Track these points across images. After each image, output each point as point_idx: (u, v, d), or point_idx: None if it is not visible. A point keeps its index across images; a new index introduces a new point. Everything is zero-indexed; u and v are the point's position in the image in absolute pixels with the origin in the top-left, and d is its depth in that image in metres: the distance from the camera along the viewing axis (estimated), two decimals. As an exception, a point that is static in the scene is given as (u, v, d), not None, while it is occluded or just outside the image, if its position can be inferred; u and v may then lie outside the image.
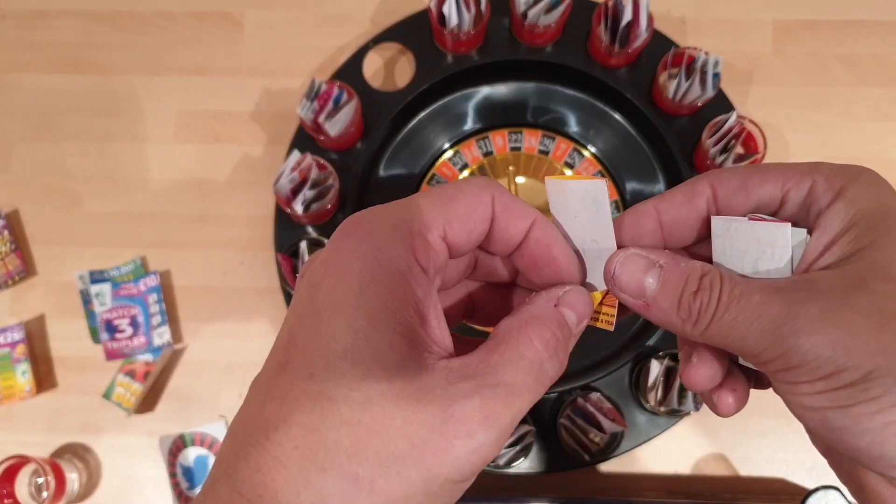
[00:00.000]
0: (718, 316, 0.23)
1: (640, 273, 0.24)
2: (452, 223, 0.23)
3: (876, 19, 0.71)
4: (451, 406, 0.20)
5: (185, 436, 0.64)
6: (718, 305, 0.23)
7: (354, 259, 0.22)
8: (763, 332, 0.22)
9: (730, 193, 0.25)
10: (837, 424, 0.22)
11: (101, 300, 0.65)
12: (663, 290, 0.24)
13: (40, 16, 0.74)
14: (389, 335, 0.21)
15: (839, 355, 0.21)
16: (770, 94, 0.70)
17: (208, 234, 0.69)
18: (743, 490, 0.63)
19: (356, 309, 0.21)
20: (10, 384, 0.64)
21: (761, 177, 0.25)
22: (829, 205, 0.23)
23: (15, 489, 0.61)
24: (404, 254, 0.22)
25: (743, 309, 0.22)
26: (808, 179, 0.24)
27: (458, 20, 0.63)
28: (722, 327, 0.23)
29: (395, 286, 0.21)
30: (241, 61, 0.72)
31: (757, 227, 0.24)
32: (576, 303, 0.25)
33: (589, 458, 0.59)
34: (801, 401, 0.22)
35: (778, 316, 0.22)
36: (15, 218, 0.70)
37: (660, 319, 0.25)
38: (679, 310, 0.24)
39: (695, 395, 0.58)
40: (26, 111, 0.72)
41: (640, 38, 0.63)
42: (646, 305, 0.25)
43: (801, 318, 0.21)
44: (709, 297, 0.23)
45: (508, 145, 0.68)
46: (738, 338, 0.22)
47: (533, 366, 0.22)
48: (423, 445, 0.20)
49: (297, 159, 0.61)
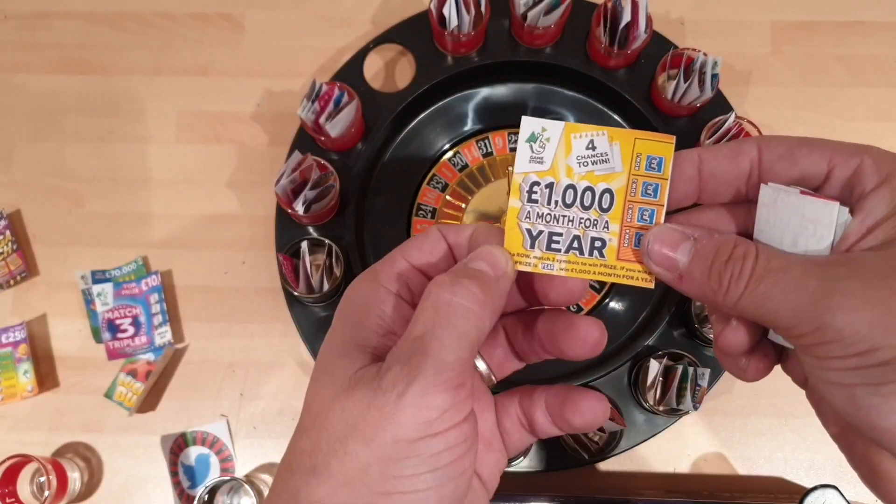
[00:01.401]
0: (752, 286, 0.23)
1: (672, 246, 0.25)
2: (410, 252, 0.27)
3: (874, 20, 0.72)
4: (379, 381, 0.23)
5: (186, 435, 0.65)
6: (752, 276, 0.23)
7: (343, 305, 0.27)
8: (799, 305, 0.22)
9: (775, 158, 0.25)
10: (865, 402, 0.21)
11: (103, 300, 0.66)
12: (695, 260, 0.24)
13: (42, 17, 0.74)
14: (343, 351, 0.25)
15: (876, 333, 0.21)
16: (768, 95, 0.71)
17: (210, 234, 0.69)
18: (741, 489, 0.63)
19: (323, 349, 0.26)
20: (12, 384, 0.64)
21: (809, 148, 0.25)
22: (874, 188, 0.23)
23: (17, 488, 0.61)
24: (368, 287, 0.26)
25: (780, 281, 0.22)
26: (856, 159, 0.24)
27: (458, 21, 0.63)
28: (756, 298, 0.23)
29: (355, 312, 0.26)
30: (242, 62, 0.73)
31: (805, 202, 0.24)
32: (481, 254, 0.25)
33: (588, 456, 0.59)
34: (829, 376, 0.22)
35: (816, 290, 0.22)
36: (17, 218, 0.70)
37: (693, 291, 0.25)
38: (710, 279, 0.24)
39: (693, 395, 0.58)
40: (28, 111, 0.72)
41: (638, 39, 0.63)
42: (679, 278, 0.25)
43: (840, 294, 0.21)
44: (741, 266, 0.23)
45: (508, 146, 0.68)
46: (773, 310, 0.22)
47: (436, 308, 0.24)
48: (362, 422, 0.22)
49: (298, 160, 0.61)
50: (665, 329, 0.62)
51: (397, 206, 0.67)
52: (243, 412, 0.65)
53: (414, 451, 0.22)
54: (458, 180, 0.68)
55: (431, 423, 0.22)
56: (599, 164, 0.25)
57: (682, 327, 0.63)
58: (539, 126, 0.26)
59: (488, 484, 0.28)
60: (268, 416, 0.65)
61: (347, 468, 0.22)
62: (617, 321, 0.64)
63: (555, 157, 0.26)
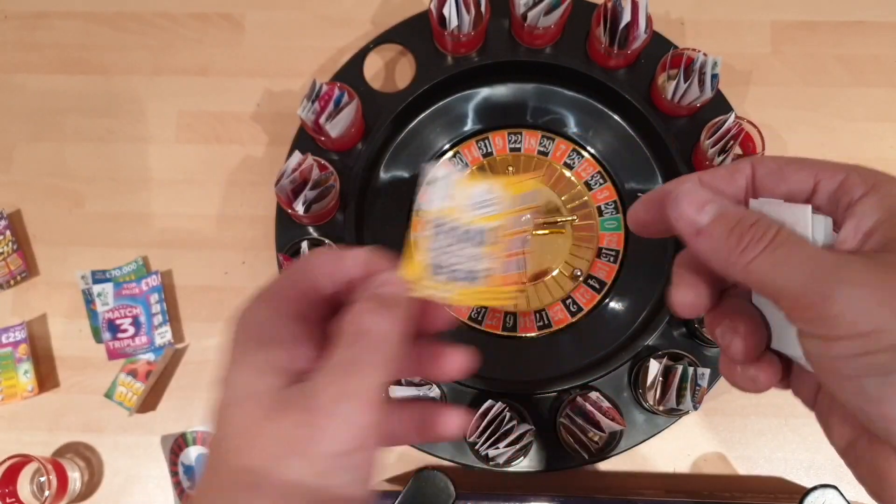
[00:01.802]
0: (771, 249, 0.23)
1: (702, 200, 0.25)
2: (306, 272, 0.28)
3: (874, 20, 0.72)
4: (309, 400, 0.24)
5: (186, 435, 0.65)
6: (774, 240, 0.23)
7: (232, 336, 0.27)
8: (811, 273, 0.22)
9: (766, 174, 0.26)
10: (876, 393, 0.21)
11: (104, 300, 0.66)
12: (720, 218, 0.25)
13: (42, 17, 0.74)
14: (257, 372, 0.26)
15: (885, 313, 0.21)
16: (768, 95, 0.71)
17: (210, 234, 0.69)
18: (741, 489, 0.63)
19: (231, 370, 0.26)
20: (13, 384, 0.64)
21: (798, 165, 0.26)
22: (862, 196, 0.24)
23: (17, 488, 0.61)
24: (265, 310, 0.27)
25: (796, 251, 0.23)
26: (841, 173, 0.25)
27: (458, 22, 0.63)
28: (770, 259, 0.23)
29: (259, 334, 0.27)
30: (243, 62, 0.73)
31: (783, 208, 0.25)
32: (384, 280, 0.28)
33: (588, 456, 0.59)
34: (837, 367, 0.22)
35: (830, 262, 0.22)
36: (17, 218, 0.70)
37: (706, 246, 0.25)
38: (730, 236, 0.24)
39: (693, 395, 0.58)
40: (28, 111, 0.72)
41: (638, 39, 0.64)
42: (697, 232, 0.25)
43: (852, 269, 0.22)
44: (764, 231, 0.24)
45: (508, 146, 0.68)
46: (783, 275, 0.23)
47: (361, 335, 0.26)
48: (296, 439, 0.24)
49: (299, 160, 0.61)
50: (665, 329, 0.62)
51: (397, 206, 0.67)
52: (243, 412, 0.65)
53: (346, 462, 0.24)
54: (458, 180, 0.68)
55: (362, 437, 0.24)
56: (488, 207, 0.29)
57: (682, 327, 0.63)
58: (442, 171, 0.30)
59: None
60: (268, 416, 0.65)
61: (285, 480, 0.23)
62: (617, 321, 0.64)
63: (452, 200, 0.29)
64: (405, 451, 0.63)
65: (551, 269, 0.66)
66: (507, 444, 0.56)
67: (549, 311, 0.65)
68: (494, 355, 0.63)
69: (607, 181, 0.67)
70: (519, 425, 0.58)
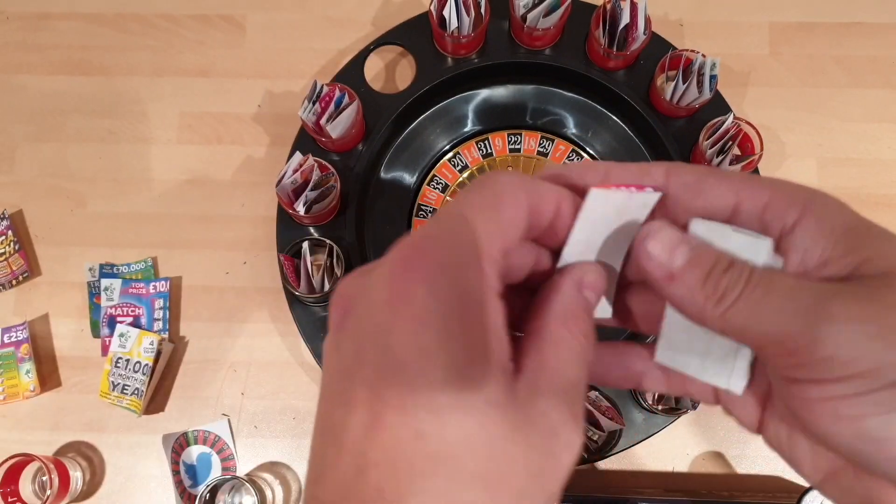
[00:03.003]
0: (747, 293, 0.21)
1: (673, 242, 0.23)
2: (506, 232, 0.22)
3: (872, 21, 0.72)
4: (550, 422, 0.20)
5: (188, 434, 0.65)
6: (748, 284, 0.21)
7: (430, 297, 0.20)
8: (794, 314, 0.20)
9: (682, 186, 0.23)
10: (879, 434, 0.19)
11: (110, 295, 0.66)
12: (692, 262, 0.22)
13: (44, 18, 0.74)
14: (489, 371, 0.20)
15: (877, 348, 0.19)
16: (766, 96, 0.71)
17: (211, 234, 0.69)
18: (740, 487, 0.64)
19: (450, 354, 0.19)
20: (15, 383, 0.65)
21: (717, 179, 0.23)
22: (795, 224, 0.22)
23: (19, 487, 0.61)
24: (478, 282, 0.20)
25: (775, 288, 0.21)
26: (764, 193, 0.22)
27: (458, 23, 0.64)
28: (748, 305, 0.21)
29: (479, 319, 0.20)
30: (244, 63, 0.73)
31: (734, 237, 0.23)
32: (596, 283, 0.24)
33: (587, 455, 0.59)
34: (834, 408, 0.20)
35: (814, 298, 0.20)
36: (19, 218, 0.70)
37: (681, 295, 0.23)
38: (705, 285, 0.22)
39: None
40: (30, 112, 0.73)
41: (637, 40, 0.64)
42: (670, 276, 0.23)
43: (838, 304, 0.19)
44: (739, 275, 0.21)
45: (508, 147, 0.69)
46: (765, 320, 0.21)
47: (582, 356, 0.23)
48: (541, 473, 0.20)
49: (299, 161, 0.61)
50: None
51: (398, 206, 0.67)
52: (244, 411, 0.66)
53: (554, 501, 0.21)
54: (458, 181, 0.68)
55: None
56: None
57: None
58: None
59: None
60: (269, 416, 0.66)
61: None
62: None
63: None
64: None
65: (551, 269, 0.66)
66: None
67: (549, 311, 0.65)
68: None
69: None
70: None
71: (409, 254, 0.20)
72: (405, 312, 0.19)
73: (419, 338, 0.19)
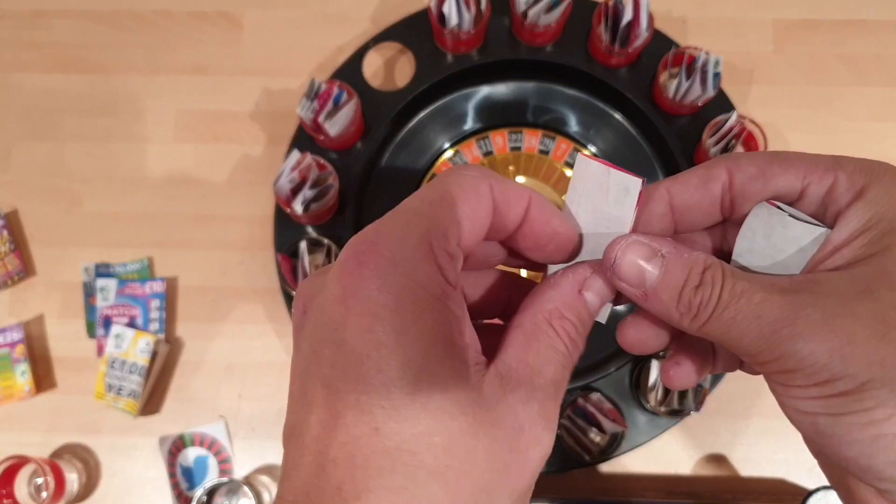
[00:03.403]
0: (718, 313, 0.22)
1: (641, 262, 0.23)
2: (463, 225, 0.22)
3: (876, 19, 0.71)
4: (518, 418, 0.20)
5: (184, 436, 0.64)
6: (719, 302, 0.22)
7: (383, 292, 0.19)
8: (761, 333, 0.21)
9: (746, 180, 0.24)
10: (828, 431, 0.21)
11: (105, 295, 0.65)
12: (664, 281, 0.23)
13: (39, 15, 0.74)
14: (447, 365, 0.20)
15: (836, 363, 0.20)
16: (770, 94, 0.70)
17: (207, 233, 0.68)
18: (743, 490, 0.63)
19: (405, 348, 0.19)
20: (10, 384, 0.64)
21: (782, 166, 0.23)
22: (847, 205, 0.22)
23: (14, 489, 0.61)
24: (433, 275, 0.20)
25: (743, 308, 0.22)
26: (830, 175, 0.23)
27: (458, 20, 0.63)
28: (721, 324, 0.22)
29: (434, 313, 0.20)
30: (241, 61, 0.72)
31: (791, 224, 0.23)
32: (600, 288, 0.25)
33: (589, 458, 0.59)
34: (794, 404, 0.22)
35: (778, 318, 0.21)
36: (14, 218, 0.69)
37: (657, 311, 0.24)
38: (679, 304, 0.23)
39: (695, 396, 0.58)
40: (25, 111, 0.72)
41: (640, 37, 0.63)
42: (644, 296, 0.24)
43: (801, 323, 0.21)
44: (710, 292, 0.22)
45: (508, 145, 0.68)
46: (736, 336, 0.22)
47: (566, 358, 0.23)
48: (507, 469, 0.20)
49: (297, 159, 0.61)
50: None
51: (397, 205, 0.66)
52: (241, 413, 0.65)
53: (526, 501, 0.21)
54: (458, 180, 0.67)
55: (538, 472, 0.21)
56: None
57: (683, 328, 0.62)
58: None
59: None
60: (266, 417, 0.65)
61: None
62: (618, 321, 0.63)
63: None
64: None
65: (552, 269, 0.65)
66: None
67: (550, 312, 0.64)
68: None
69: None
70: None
71: (360, 249, 0.20)
72: (357, 308, 0.19)
73: (373, 334, 0.19)
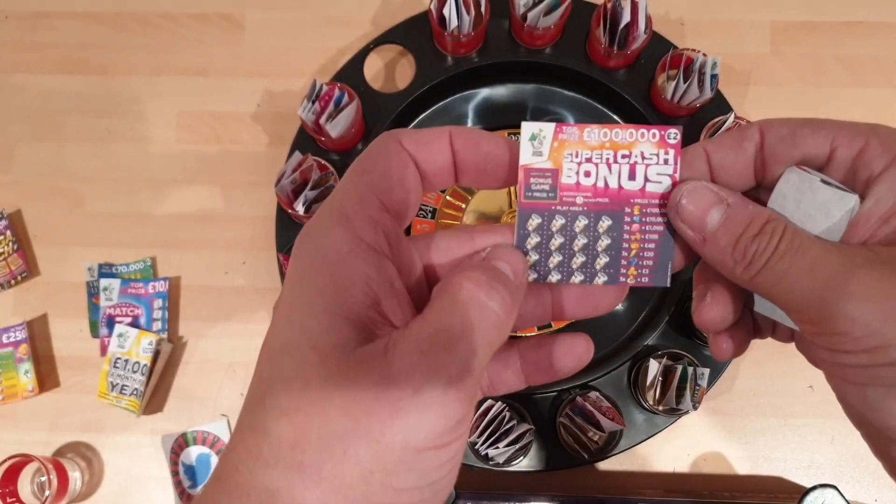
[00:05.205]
0: (772, 263, 0.22)
1: (706, 205, 0.23)
2: (381, 186, 0.22)
3: (874, 20, 0.72)
4: (390, 368, 0.19)
5: (187, 434, 0.65)
6: (775, 252, 0.22)
7: (297, 260, 0.22)
8: (813, 288, 0.21)
9: (776, 141, 0.24)
10: (878, 404, 0.21)
11: (108, 295, 0.66)
12: (724, 226, 0.23)
13: (42, 17, 0.74)
14: (329, 320, 0.20)
15: (888, 329, 0.20)
16: (768, 95, 0.71)
17: (210, 234, 0.69)
18: (741, 488, 0.63)
19: (294, 304, 0.21)
20: (13, 383, 0.64)
21: (812, 128, 0.24)
22: (883, 171, 0.22)
23: (18, 488, 0.61)
24: (345, 237, 0.21)
25: (798, 260, 0.22)
26: (860, 139, 0.23)
27: (458, 22, 0.63)
28: (773, 275, 0.22)
29: (336, 271, 0.21)
30: (243, 62, 0.73)
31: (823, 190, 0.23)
32: (505, 255, 0.24)
33: (588, 456, 0.59)
34: (842, 373, 0.21)
35: (832, 275, 0.21)
36: (17, 218, 0.70)
37: (713, 257, 0.24)
38: (735, 250, 0.23)
39: (693, 395, 0.58)
40: (28, 111, 0.72)
41: (638, 39, 0.64)
42: (703, 240, 0.24)
43: (856, 282, 0.20)
44: (767, 242, 0.22)
45: (508, 146, 0.68)
46: (787, 289, 0.22)
47: (468, 306, 0.21)
48: (367, 417, 0.19)
49: (299, 160, 0.61)
50: (665, 329, 0.62)
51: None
52: (244, 412, 0.65)
53: (420, 461, 0.19)
54: (458, 180, 0.68)
55: (443, 432, 0.19)
56: None
57: (681, 327, 0.63)
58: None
59: None
60: (268, 416, 0.65)
61: (345, 473, 0.18)
62: (617, 321, 0.64)
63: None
64: (405, 450, 0.63)
65: (551, 270, 0.66)
66: (507, 444, 0.56)
67: (549, 311, 0.65)
68: (494, 355, 0.63)
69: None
70: (519, 425, 0.58)
71: (298, 238, 0.23)
72: (287, 279, 0.22)
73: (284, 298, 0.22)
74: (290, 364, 0.20)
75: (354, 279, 0.21)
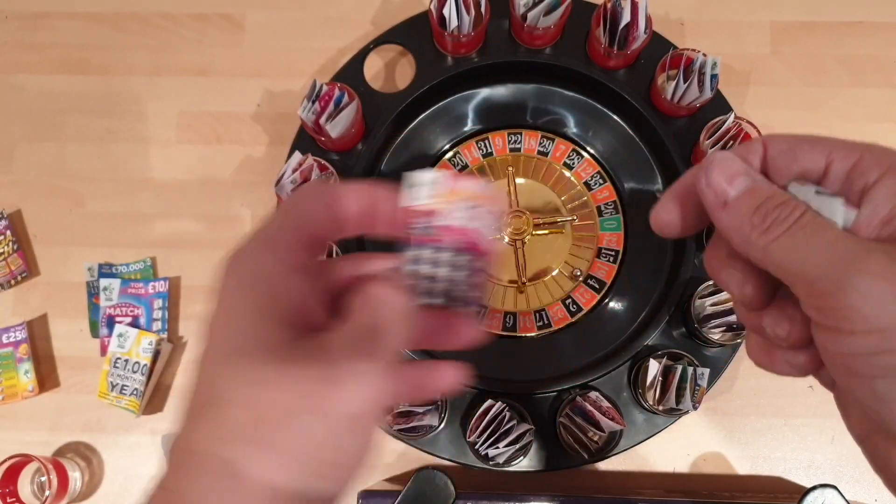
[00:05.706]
0: (794, 231, 0.23)
1: (733, 173, 0.25)
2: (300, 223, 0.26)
3: (873, 20, 0.72)
4: (328, 355, 0.23)
5: (186, 435, 0.65)
6: (798, 221, 0.23)
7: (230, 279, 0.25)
8: (832, 259, 0.21)
9: (777, 154, 0.25)
10: (888, 395, 0.21)
11: (108, 295, 0.66)
12: (749, 192, 0.24)
13: (42, 17, 0.74)
14: (270, 325, 0.24)
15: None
16: (768, 95, 0.71)
17: (210, 234, 0.69)
18: (741, 488, 0.63)
19: (233, 316, 0.25)
20: (13, 383, 0.64)
21: (810, 143, 0.25)
22: (878, 179, 0.23)
23: (18, 488, 0.61)
24: (272, 259, 0.25)
25: (818, 233, 0.22)
26: (854, 154, 0.24)
27: (458, 22, 0.63)
28: (790, 242, 0.23)
29: (268, 287, 0.25)
30: (243, 62, 0.73)
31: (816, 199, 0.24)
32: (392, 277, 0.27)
33: (588, 456, 0.59)
34: (849, 364, 0.21)
35: (851, 250, 0.21)
36: (17, 218, 0.70)
37: (730, 223, 0.25)
38: (755, 214, 0.24)
39: (693, 394, 0.58)
40: (28, 112, 0.72)
41: (638, 39, 0.64)
42: (724, 205, 0.25)
43: (873, 259, 0.21)
44: (790, 211, 0.23)
45: (508, 146, 0.68)
46: (801, 259, 0.22)
47: (388, 308, 0.25)
48: (313, 394, 0.22)
49: (299, 160, 0.61)
50: (665, 329, 0.62)
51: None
52: (244, 412, 0.65)
53: (357, 426, 0.23)
54: (458, 180, 0.68)
55: (376, 403, 0.23)
56: None
57: (681, 327, 0.63)
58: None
59: None
60: (268, 416, 0.65)
61: (298, 441, 0.22)
62: (617, 321, 0.64)
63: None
64: (405, 450, 0.63)
65: (551, 269, 0.66)
66: (507, 444, 0.56)
67: (549, 311, 0.65)
68: (494, 355, 0.63)
69: (607, 181, 0.67)
70: (519, 425, 0.58)
71: (227, 262, 0.26)
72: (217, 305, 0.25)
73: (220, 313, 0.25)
74: (245, 364, 0.23)
75: (285, 292, 0.25)
